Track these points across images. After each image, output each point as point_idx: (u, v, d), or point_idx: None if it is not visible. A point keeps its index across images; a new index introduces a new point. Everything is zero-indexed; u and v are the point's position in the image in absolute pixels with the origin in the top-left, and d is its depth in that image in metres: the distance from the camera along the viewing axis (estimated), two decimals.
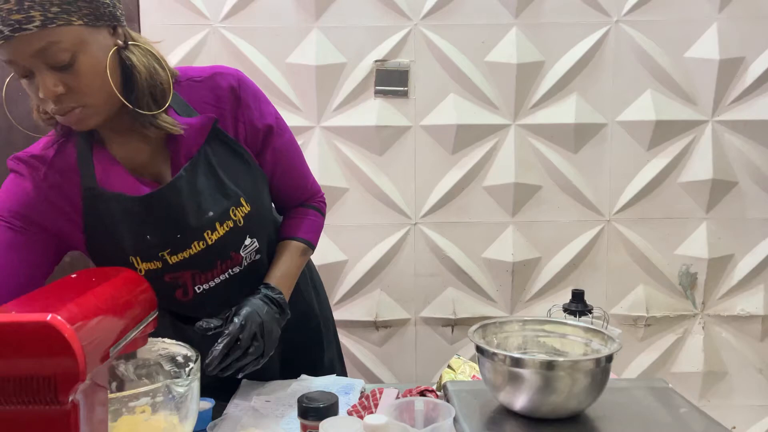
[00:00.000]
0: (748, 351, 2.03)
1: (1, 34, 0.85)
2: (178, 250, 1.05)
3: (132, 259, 1.04)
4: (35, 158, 1.04)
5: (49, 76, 0.89)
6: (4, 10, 0.84)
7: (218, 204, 1.06)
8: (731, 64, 1.92)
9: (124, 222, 1.02)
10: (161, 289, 1.01)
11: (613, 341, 0.99)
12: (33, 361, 0.63)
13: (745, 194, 1.98)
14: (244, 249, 1.12)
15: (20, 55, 0.87)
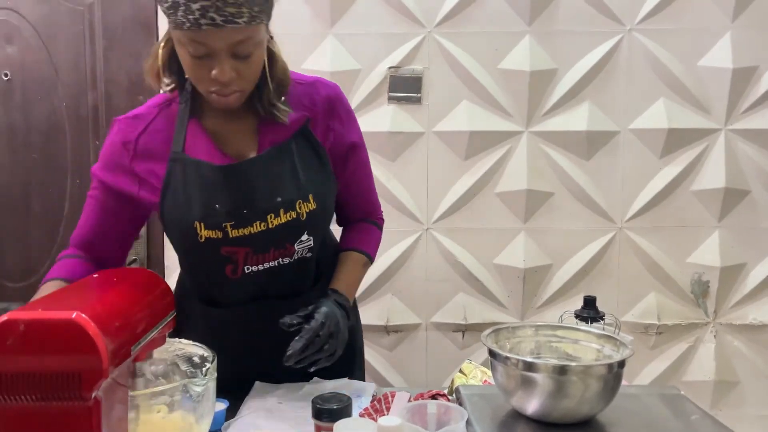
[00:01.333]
0: (760, 360, 2.02)
1: (213, 21, 0.94)
2: (240, 225, 1.10)
3: (196, 224, 1.09)
4: (137, 118, 1.14)
5: (228, 62, 0.99)
6: (221, 1, 0.93)
7: (288, 193, 1.12)
8: (744, 73, 1.92)
9: (198, 188, 1.09)
10: (215, 261, 1.11)
11: (625, 347, 1.00)
12: (58, 357, 0.65)
13: (757, 203, 1.98)
14: (300, 243, 1.16)
15: (219, 42, 0.97)
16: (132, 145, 1.12)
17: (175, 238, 1.15)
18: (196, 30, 0.95)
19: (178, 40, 1.01)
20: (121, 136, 1.13)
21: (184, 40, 0.98)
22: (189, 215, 1.09)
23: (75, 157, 2.01)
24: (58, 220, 2.03)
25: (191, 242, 1.10)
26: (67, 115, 2.00)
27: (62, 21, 1.97)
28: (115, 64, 1.98)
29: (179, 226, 1.10)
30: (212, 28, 0.95)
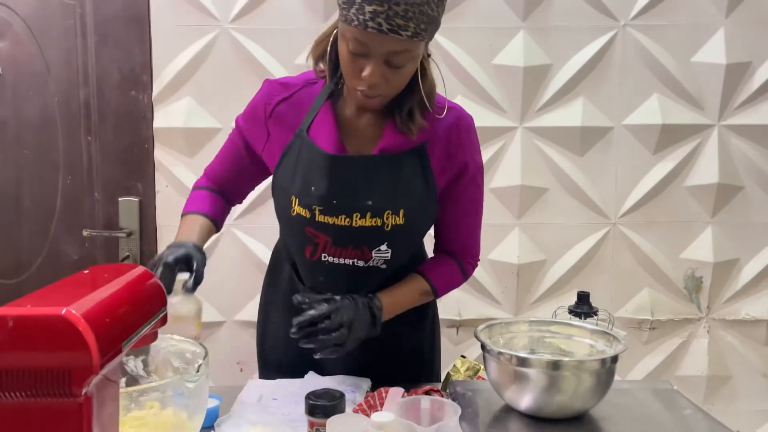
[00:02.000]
0: (753, 355, 2.03)
1: (379, 26, 0.99)
2: (327, 213, 1.17)
3: (292, 198, 1.19)
4: (285, 85, 1.24)
5: (380, 68, 1.05)
6: (392, 11, 0.98)
7: (380, 200, 1.16)
8: (738, 68, 1.92)
9: (305, 167, 1.18)
10: (299, 238, 1.22)
11: (618, 342, 1.00)
12: (47, 354, 0.64)
13: (750, 199, 1.99)
14: (377, 252, 1.20)
15: (379, 46, 1.03)
16: (271, 108, 1.23)
17: (277, 203, 1.25)
18: (361, 30, 1.01)
19: (342, 33, 1.07)
20: (266, 97, 1.24)
21: (348, 35, 1.04)
22: (290, 188, 1.20)
23: (67, 153, 2.00)
24: (50, 216, 2.02)
25: (286, 212, 1.21)
26: (59, 110, 1.99)
27: (53, 15, 1.96)
28: (107, 58, 1.97)
29: (281, 195, 1.22)
30: (376, 33, 1.00)
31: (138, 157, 2.00)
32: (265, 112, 1.23)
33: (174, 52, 1.91)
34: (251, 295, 2.00)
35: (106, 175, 2.01)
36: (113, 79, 1.98)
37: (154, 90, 1.94)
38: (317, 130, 1.19)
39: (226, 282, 1.99)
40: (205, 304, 1.98)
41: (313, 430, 0.98)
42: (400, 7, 0.99)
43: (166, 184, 1.97)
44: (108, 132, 1.99)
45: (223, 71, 1.92)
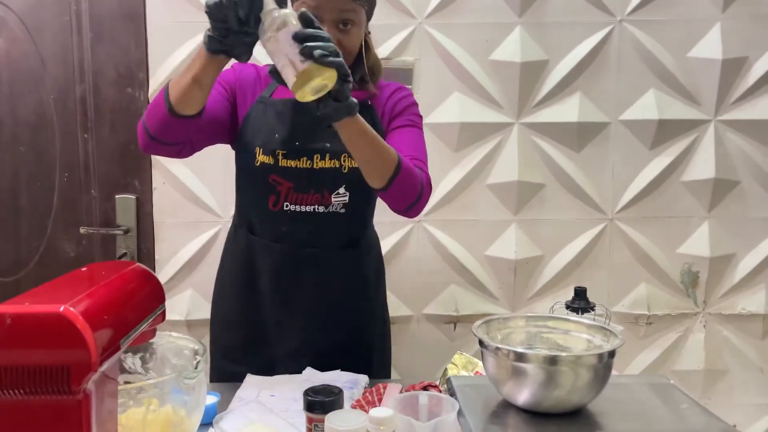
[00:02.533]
0: (749, 349, 2.04)
1: None
2: (289, 156, 1.28)
3: (257, 149, 1.29)
4: (253, 65, 1.37)
5: (333, 31, 1.20)
6: None
7: (336, 143, 1.21)
8: (734, 63, 1.93)
9: (268, 121, 1.30)
10: (262, 188, 1.30)
11: (615, 337, 1.00)
12: (46, 351, 0.65)
13: (747, 193, 1.99)
14: (336, 195, 1.31)
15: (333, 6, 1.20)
16: (250, 77, 1.34)
17: (240, 162, 1.34)
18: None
19: (297, 4, 1.21)
20: (242, 69, 1.36)
21: (299, 4, 1.20)
22: (254, 141, 1.30)
23: (63, 150, 2.00)
24: (47, 214, 2.01)
25: (249, 167, 1.30)
26: (55, 107, 1.98)
27: (48, 12, 1.95)
28: (103, 55, 1.96)
29: (244, 151, 1.31)
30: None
31: (134, 155, 1.99)
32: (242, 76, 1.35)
33: (170, 49, 1.91)
34: None
35: (102, 173, 2.00)
36: (109, 76, 1.97)
37: (150, 87, 1.93)
38: (281, 93, 1.30)
39: None
40: (203, 300, 1.99)
41: (311, 426, 0.98)
42: None
43: (163, 181, 1.96)
44: (104, 129, 1.99)
45: None
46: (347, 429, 0.85)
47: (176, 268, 1.98)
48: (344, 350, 1.37)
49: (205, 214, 1.97)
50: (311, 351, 1.35)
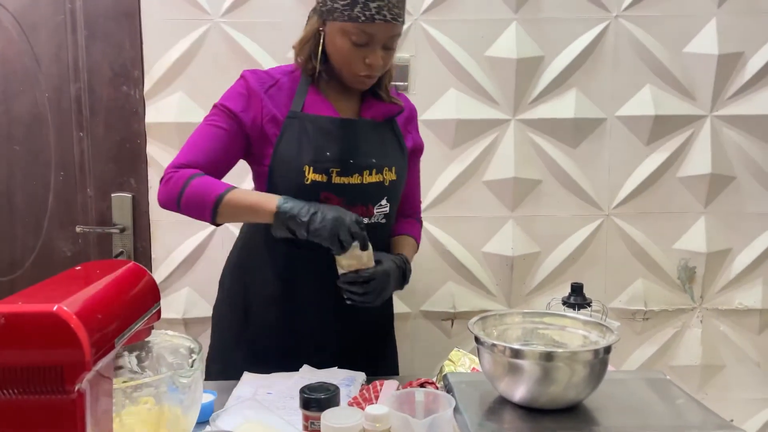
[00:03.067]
0: (746, 344, 2.05)
1: (384, 17, 1.25)
2: (344, 173, 1.33)
3: (306, 167, 1.31)
4: (267, 74, 1.38)
5: (380, 53, 1.29)
6: (392, 5, 1.25)
7: (379, 157, 1.37)
8: (730, 59, 1.93)
9: (312, 138, 1.32)
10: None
11: (611, 333, 1.01)
12: (40, 351, 0.64)
13: (743, 189, 1.99)
14: (379, 207, 1.38)
15: (383, 34, 1.27)
16: (264, 88, 1.35)
17: (282, 178, 1.33)
18: (369, 23, 1.24)
19: (342, 30, 1.27)
20: (255, 79, 1.35)
21: (353, 30, 1.26)
22: (300, 159, 1.31)
23: (58, 149, 1.99)
24: (43, 213, 2.01)
25: (296, 184, 1.31)
26: (50, 106, 1.97)
27: (43, 10, 1.94)
28: (98, 54, 1.96)
29: (288, 169, 1.32)
30: (383, 23, 1.25)
31: (130, 153, 1.99)
32: (261, 91, 1.34)
33: (165, 47, 1.90)
34: None
35: (98, 171, 2.00)
36: (104, 75, 1.97)
37: (145, 85, 1.93)
38: (312, 108, 1.35)
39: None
40: (200, 299, 1.99)
41: (308, 423, 0.98)
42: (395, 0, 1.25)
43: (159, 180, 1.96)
44: (99, 128, 1.98)
45: (215, 65, 1.91)
46: (343, 426, 0.85)
47: (173, 267, 1.98)
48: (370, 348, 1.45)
49: None
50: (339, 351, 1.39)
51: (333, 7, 1.27)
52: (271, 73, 1.38)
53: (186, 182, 1.26)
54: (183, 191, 1.26)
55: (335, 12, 1.26)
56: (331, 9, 1.27)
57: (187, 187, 1.26)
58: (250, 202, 1.26)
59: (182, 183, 1.27)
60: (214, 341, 1.52)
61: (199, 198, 1.25)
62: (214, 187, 1.26)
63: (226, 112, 1.34)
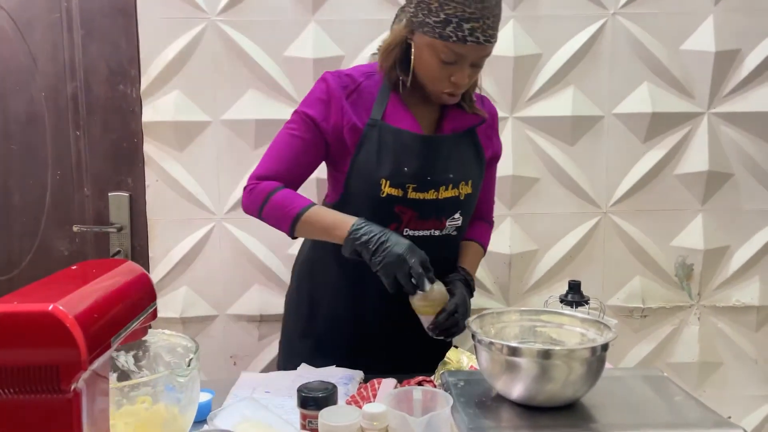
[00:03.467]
0: (744, 341, 2.05)
1: (477, 39, 1.21)
2: (420, 189, 1.32)
3: (382, 180, 1.30)
4: (349, 77, 1.35)
5: (467, 71, 1.26)
6: (486, 24, 1.21)
7: (457, 172, 1.36)
8: (727, 56, 1.93)
9: (393, 151, 1.31)
10: (385, 217, 1.30)
11: (608, 330, 1.01)
12: (35, 350, 0.64)
13: (740, 186, 1.99)
14: (451, 220, 1.38)
15: (474, 55, 1.24)
16: (346, 93, 1.33)
17: (359, 189, 1.33)
18: (460, 44, 1.21)
19: (431, 47, 1.24)
20: (338, 83, 1.33)
21: (442, 49, 1.23)
22: (377, 172, 1.30)
23: (55, 148, 1.99)
24: (40, 212, 2.01)
25: (373, 195, 1.30)
26: (46, 105, 1.97)
27: (39, 8, 1.93)
28: (94, 52, 1.95)
29: (365, 180, 1.31)
30: (474, 44, 1.21)
31: (127, 152, 1.98)
32: (342, 97, 1.32)
33: (162, 46, 1.90)
34: (244, 288, 2.00)
35: (95, 170, 1.99)
36: (101, 73, 1.96)
37: (142, 84, 1.92)
38: (393, 118, 1.33)
39: (218, 276, 1.98)
40: (198, 298, 1.98)
41: (305, 422, 0.98)
42: (490, 21, 1.21)
43: (156, 179, 1.96)
44: (96, 126, 1.98)
45: (212, 64, 1.91)
46: (340, 425, 0.85)
47: (170, 266, 1.97)
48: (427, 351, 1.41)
49: (199, 211, 1.96)
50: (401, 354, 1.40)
51: (425, 20, 1.23)
52: (353, 76, 1.35)
53: (267, 196, 1.31)
54: (264, 204, 1.31)
55: (426, 26, 1.23)
56: (423, 22, 1.23)
57: (268, 201, 1.31)
58: (325, 224, 1.28)
59: (264, 196, 1.31)
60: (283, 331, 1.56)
61: (279, 213, 1.31)
62: (294, 204, 1.30)
63: (306, 120, 1.33)
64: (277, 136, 1.38)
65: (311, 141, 1.33)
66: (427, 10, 1.22)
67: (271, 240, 1.97)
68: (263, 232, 1.97)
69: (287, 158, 1.34)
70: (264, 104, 1.92)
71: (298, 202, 1.30)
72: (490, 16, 1.21)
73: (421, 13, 1.23)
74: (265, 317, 2.00)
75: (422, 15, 1.23)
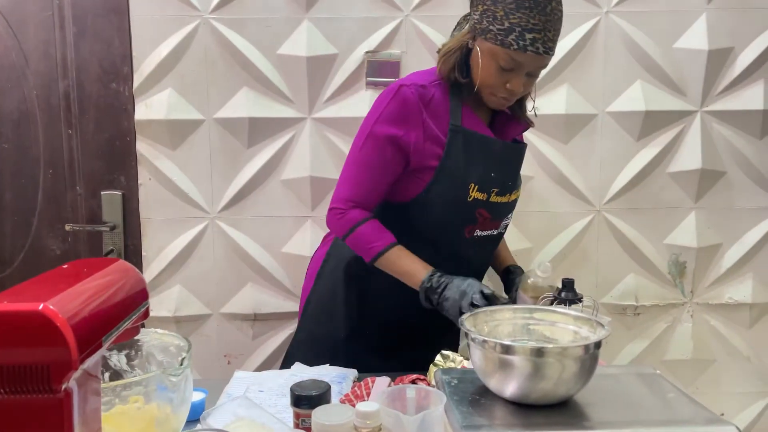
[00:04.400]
0: (736, 339, 2.06)
1: (537, 50, 1.26)
2: (501, 193, 1.40)
3: (471, 185, 1.35)
4: (424, 88, 1.36)
5: (523, 79, 1.31)
6: (547, 36, 1.26)
7: (518, 176, 1.48)
8: (720, 54, 1.93)
9: (480, 157, 1.37)
10: (465, 220, 1.39)
11: (601, 328, 1.01)
12: (26, 350, 0.64)
13: (733, 184, 2.00)
14: (506, 219, 1.48)
15: (532, 65, 1.30)
16: (425, 103, 1.35)
17: (445, 193, 1.36)
18: (520, 53, 1.26)
19: (491, 52, 1.29)
20: (416, 96, 1.34)
21: (502, 56, 1.27)
22: (467, 176, 1.35)
23: (47, 147, 1.98)
24: (32, 211, 2.00)
25: (460, 200, 1.36)
26: (38, 103, 1.96)
27: (31, 7, 1.92)
28: (86, 50, 1.94)
29: (454, 184, 1.35)
30: (533, 54, 1.26)
31: (120, 150, 1.98)
32: (422, 110, 1.34)
33: (154, 44, 1.89)
34: (237, 287, 2.00)
35: (87, 169, 1.98)
36: (93, 72, 1.95)
37: (134, 82, 1.91)
38: (470, 124, 1.38)
39: (211, 274, 1.98)
40: (191, 296, 1.98)
41: (298, 421, 0.98)
42: (551, 33, 1.27)
43: (149, 177, 1.95)
44: (89, 125, 1.97)
45: (205, 62, 1.90)
46: (333, 423, 0.85)
47: (164, 264, 1.97)
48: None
49: (192, 210, 1.96)
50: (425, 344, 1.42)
51: (488, 27, 1.28)
52: (426, 86, 1.36)
53: (355, 226, 1.37)
54: (350, 232, 1.38)
55: (489, 33, 1.28)
56: (486, 29, 1.28)
57: (354, 231, 1.37)
58: (402, 269, 1.36)
59: (351, 225, 1.38)
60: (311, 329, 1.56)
61: (364, 246, 1.38)
62: (378, 241, 1.36)
63: (386, 137, 1.35)
64: (357, 155, 1.39)
65: (392, 159, 1.36)
66: (492, 18, 1.27)
67: (265, 238, 1.97)
68: (257, 230, 1.97)
69: (370, 180, 1.38)
70: (257, 102, 1.92)
71: (382, 240, 1.36)
72: (552, 29, 1.27)
73: (486, 20, 1.28)
74: (259, 316, 2.00)
75: (487, 22, 1.28)
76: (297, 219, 1.97)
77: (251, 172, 1.94)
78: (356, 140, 1.41)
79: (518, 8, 1.24)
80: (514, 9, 1.25)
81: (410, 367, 1.29)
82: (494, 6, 1.27)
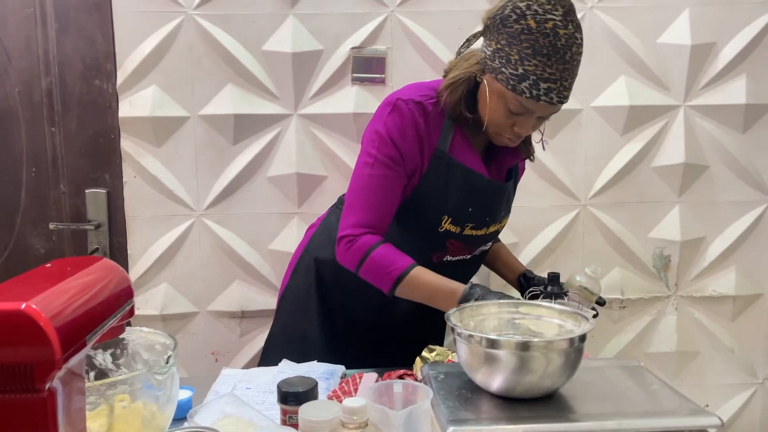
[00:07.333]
0: (720, 331, 2.08)
1: (551, 99, 1.19)
2: (477, 228, 1.36)
3: (444, 217, 1.31)
4: (419, 105, 1.31)
5: (532, 122, 1.26)
6: (562, 86, 1.19)
7: (505, 209, 1.43)
8: (703, 49, 1.95)
9: (460, 189, 1.31)
10: (434, 248, 1.35)
11: (586, 321, 1.02)
12: (8, 349, 0.63)
13: (715, 178, 2.02)
14: (484, 246, 1.44)
15: (544, 112, 1.24)
16: (421, 120, 1.29)
17: (418, 219, 1.33)
18: (533, 101, 1.19)
19: (501, 94, 1.22)
20: (412, 113, 1.29)
21: (512, 100, 1.21)
22: (442, 207, 1.31)
23: (30, 145, 1.95)
24: (15, 210, 1.97)
25: (429, 228, 1.32)
26: (21, 101, 1.94)
27: (12, 3, 1.90)
28: (69, 47, 1.92)
29: (427, 213, 1.31)
30: (546, 104, 1.19)
31: (104, 148, 1.96)
32: (417, 126, 1.29)
33: (138, 40, 1.87)
34: (224, 285, 1.99)
35: (71, 167, 1.97)
36: (76, 68, 1.93)
37: (118, 79, 1.90)
38: (458, 152, 1.31)
39: (198, 272, 1.97)
40: (178, 294, 1.97)
41: (285, 417, 0.98)
42: (567, 82, 1.20)
43: (134, 175, 1.94)
44: (72, 122, 1.95)
45: (189, 59, 1.89)
46: (320, 419, 0.85)
47: (150, 263, 1.96)
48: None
49: (178, 208, 1.95)
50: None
51: (500, 69, 1.20)
52: (424, 104, 1.31)
53: (367, 252, 1.28)
54: (364, 260, 1.28)
55: (500, 74, 1.20)
56: (498, 69, 1.20)
57: (367, 258, 1.27)
58: (428, 290, 1.27)
59: (363, 252, 1.28)
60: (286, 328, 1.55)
61: (381, 270, 1.27)
62: (396, 264, 1.26)
63: (388, 156, 1.29)
64: (362, 178, 1.32)
65: (396, 178, 1.31)
66: (505, 60, 1.18)
67: (251, 235, 1.96)
68: (243, 227, 1.96)
69: (378, 202, 1.30)
70: (243, 99, 1.91)
71: (400, 263, 1.27)
72: (569, 78, 1.19)
73: (499, 61, 1.20)
74: (246, 313, 2.00)
75: (499, 63, 1.20)
76: (283, 216, 1.97)
77: (237, 169, 1.94)
78: (358, 165, 1.34)
79: (535, 54, 1.15)
80: (531, 55, 1.16)
81: (396, 362, 1.29)
82: (509, 48, 1.18)
